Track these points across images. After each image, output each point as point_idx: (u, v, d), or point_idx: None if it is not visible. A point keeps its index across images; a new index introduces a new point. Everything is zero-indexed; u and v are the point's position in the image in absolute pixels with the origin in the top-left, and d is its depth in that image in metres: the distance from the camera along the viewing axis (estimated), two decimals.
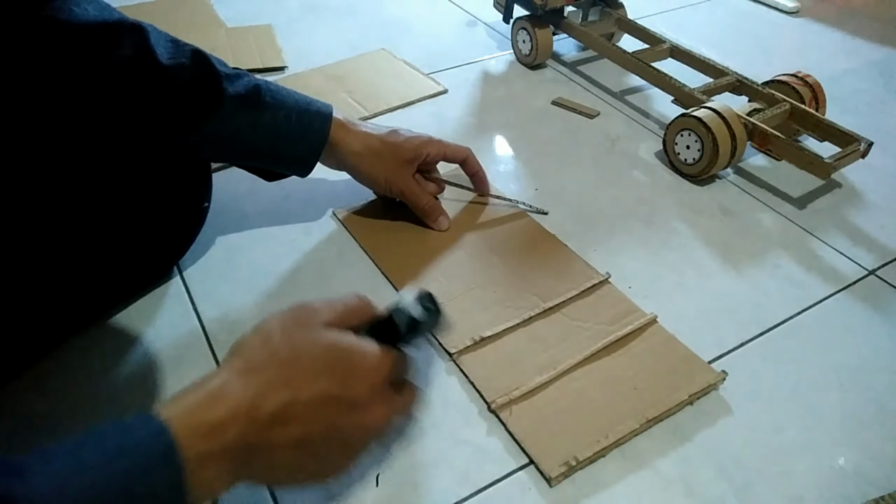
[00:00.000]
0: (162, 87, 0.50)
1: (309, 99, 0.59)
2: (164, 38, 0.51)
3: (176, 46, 0.52)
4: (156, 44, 0.50)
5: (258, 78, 0.56)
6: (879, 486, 0.46)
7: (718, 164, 0.71)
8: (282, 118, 0.56)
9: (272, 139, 0.57)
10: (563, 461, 0.46)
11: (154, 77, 0.49)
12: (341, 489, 0.45)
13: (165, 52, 0.50)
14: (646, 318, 0.56)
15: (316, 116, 0.59)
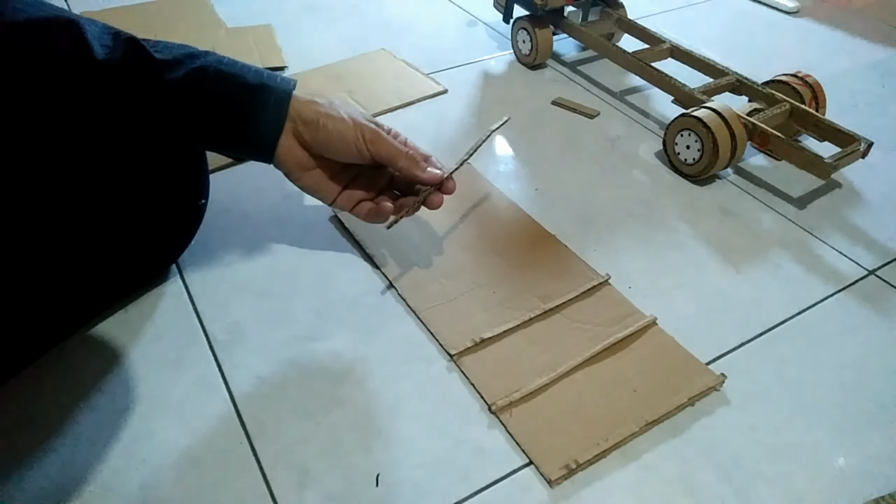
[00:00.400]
0: (98, 82, 0.47)
1: (264, 73, 0.52)
2: (101, 31, 0.49)
3: (114, 38, 0.49)
4: (91, 38, 0.47)
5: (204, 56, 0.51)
6: (880, 485, 0.46)
7: (718, 165, 0.71)
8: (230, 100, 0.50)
9: (221, 123, 0.51)
10: (564, 464, 0.46)
11: (89, 72, 0.47)
12: (341, 489, 0.45)
13: (101, 47, 0.48)
14: (645, 321, 0.56)
15: (272, 93, 0.51)
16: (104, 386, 0.51)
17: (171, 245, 0.60)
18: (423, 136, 0.80)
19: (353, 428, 0.49)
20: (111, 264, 0.54)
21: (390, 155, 0.53)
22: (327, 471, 0.46)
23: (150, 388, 0.51)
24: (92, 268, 0.53)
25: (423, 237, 0.65)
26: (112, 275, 0.55)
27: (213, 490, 0.44)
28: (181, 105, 0.50)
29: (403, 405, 0.50)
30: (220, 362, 0.53)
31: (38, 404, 0.50)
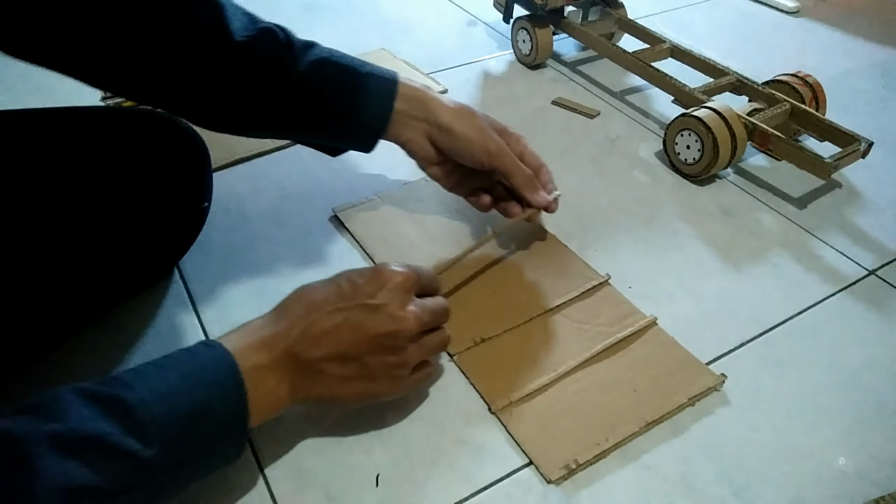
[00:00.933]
0: (232, 62, 0.49)
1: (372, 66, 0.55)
2: (240, 13, 0.51)
3: (252, 22, 0.51)
4: (231, 19, 0.49)
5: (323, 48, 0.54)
6: (880, 485, 0.46)
7: (719, 164, 0.71)
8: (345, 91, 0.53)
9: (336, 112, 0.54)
10: (563, 464, 0.46)
11: (225, 50, 0.49)
12: (341, 489, 0.45)
13: (240, 28, 0.50)
14: (645, 321, 0.56)
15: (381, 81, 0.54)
16: None
17: (174, 247, 0.60)
18: None
19: (353, 428, 0.48)
20: (118, 266, 0.55)
21: (508, 171, 0.57)
22: (327, 471, 0.46)
23: None
24: (99, 269, 0.53)
25: (422, 236, 0.65)
26: (118, 276, 0.55)
27: (213, 490, 0.44)
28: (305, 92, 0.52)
29: (403, 405, 0.50)
30: None
31: None
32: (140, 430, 0.33)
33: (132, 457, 0.33)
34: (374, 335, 0.42)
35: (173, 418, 0.35)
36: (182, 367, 0.37)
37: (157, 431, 0.34)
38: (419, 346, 0.45)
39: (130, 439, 0.33)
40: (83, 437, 0.32)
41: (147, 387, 0.35)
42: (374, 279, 0.44)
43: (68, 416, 0.32)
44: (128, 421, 0.33)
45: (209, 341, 0.40)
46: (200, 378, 0.37)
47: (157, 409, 0.34)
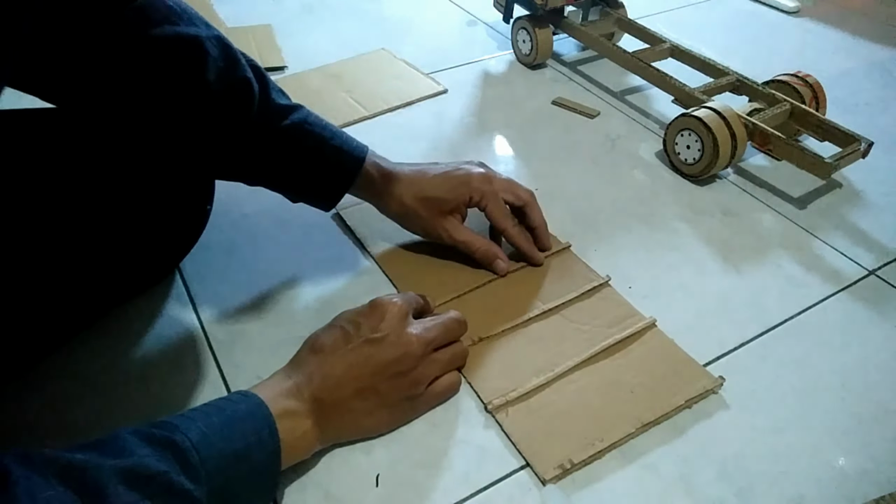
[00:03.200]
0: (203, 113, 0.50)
1: (345, 136, 0.57)
2: (221, 60, 0.50)
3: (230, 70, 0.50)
4: (210, 68, 0.49)
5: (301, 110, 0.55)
6: (880, 485, 0.46)
7: (719, 164, 0.71)
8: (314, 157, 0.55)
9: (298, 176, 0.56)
10: (558, 463, 0.46)
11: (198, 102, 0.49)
12: (341, 489, 0.45)
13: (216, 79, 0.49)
14: (645, 322, 0.56)
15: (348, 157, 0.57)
16: (105, 386, 0.51)
17: (177, 249, 0.60)
18: (423, 137, 0.80)
19: None
20: (120, 267, 0.55)
21: (467, 247, 0.60)
22: (327, 471, 0.46)
23: (150, 388, 0.51)
24: (101, 270, 0.53)
25: None
26: (120, 277, 0.56)
27: None
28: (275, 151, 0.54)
29: None
30: (220, 362, 0.53)
31: (37, 406, 0.50)
32: (193, 472, 0.36)
33: (188, 496, 0.35)
34: (384, 364, 0.45)
35: (218, 463, 0.37)
36: (223, 416, 0.40)
37: (205, 474, 0.36)
38: (431, 362, 0.48)
39: (185, 479, 0.35)
40: (147, 474, 0.34)
41: (195, 432, 0.37)
42: (372, 315, 0.47)
43: (132, 454, 0.35)
44: (182, 462, 0.36)
45: (244, 392, 0.43)
46: (241, 427, 0.39)
47: (205, 453, 0.37)
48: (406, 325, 0.47)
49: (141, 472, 0.34)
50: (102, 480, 0.32)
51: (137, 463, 0.34)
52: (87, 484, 0.32)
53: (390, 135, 0.80)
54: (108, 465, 0.33)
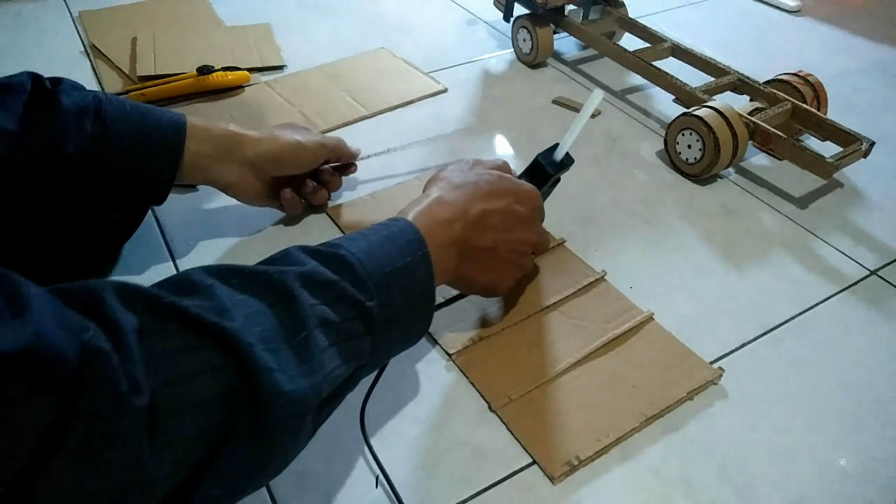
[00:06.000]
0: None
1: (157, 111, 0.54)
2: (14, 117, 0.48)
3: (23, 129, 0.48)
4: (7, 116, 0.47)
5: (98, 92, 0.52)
6: (881, 486, 0.46)
7: (720, 164, 0.71)
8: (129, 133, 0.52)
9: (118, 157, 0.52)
10: (566, 460, 0.46)
11: None
12: (341, 490, 0.44)
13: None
14: (643, 316, 0.56)
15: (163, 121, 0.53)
16: None
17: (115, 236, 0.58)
18: (424, 136, 0.80)
19: (352, 428, 0.48)
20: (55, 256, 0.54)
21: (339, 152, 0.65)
22: (327, 471, 0.46)
23: None
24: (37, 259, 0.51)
25: None
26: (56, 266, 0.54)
27: None
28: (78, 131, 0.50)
29: (403, 405, 0.50)
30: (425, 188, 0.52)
31: None
32: (361, 284, 0.37)
33: (359, 305, 0.37)
34: (525, 241, 0.51)
35: (382, 277, 0.39)
36: (382, 236, 0.41)
37: (373, 286, 0.38)
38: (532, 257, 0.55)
39: (355, 290, 0.37)
40: (322, 280, 0.36)
41: (358, 248, 0.39)
42: (528, 196, 0.51)
43: (305, 263, 0.36)
44: (351, 274, 0.37)
45: (397, 217, 0.45)
46: (397, 245, 0.41)
47: (370, 266, 0.38)
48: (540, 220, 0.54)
49: (317, 278, 0.35)
50: (288, 283, 0.34)
51: (313, 270, 0.36)
52: (275, 288, 0.34)
53: (390, 134, 0.80)
54: (289, 271, 0.35)
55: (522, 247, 0.52)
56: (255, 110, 0.82)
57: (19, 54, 0.93)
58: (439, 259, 0.44)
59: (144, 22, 1.00)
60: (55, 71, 0.52)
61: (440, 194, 0.48)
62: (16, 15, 1.03)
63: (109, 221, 0.57)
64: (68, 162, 0.49)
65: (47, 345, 0.24)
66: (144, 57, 0.89)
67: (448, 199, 0.47)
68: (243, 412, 0.30)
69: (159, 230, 0.65)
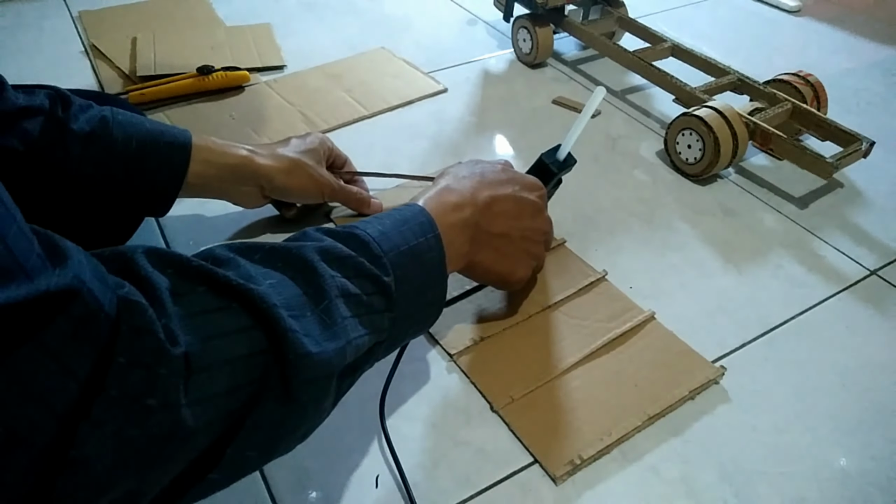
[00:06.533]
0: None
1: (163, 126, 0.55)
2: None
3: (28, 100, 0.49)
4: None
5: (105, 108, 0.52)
6: (881, 486, 0.46)
7: (720, 164, 0.71)
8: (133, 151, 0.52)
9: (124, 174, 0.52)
10: (568, 460, 0.46)
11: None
12: (341, 490, 0.44)
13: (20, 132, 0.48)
14: (644, 315, 0.56)
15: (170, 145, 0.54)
16: None
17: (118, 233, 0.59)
18: (423, 136, 0.80)
19: (353, 428, 0.48)
20: None
21: (344, 203, 0.65)
22: (327, 471, 0.46)
23: None
24: None
25: None
26: None
27: None
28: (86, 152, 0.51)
29: (403, 405, 0.50)
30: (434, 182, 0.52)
31: None
32: (377, 260, 0.38)
33: (377, 280, 0.37)
34: (537, 229, 0.52)
35: (397, 255, 0.40)
36: (394, 219, 0.42)
37: (388, 263, 0.39)
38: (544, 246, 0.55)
39: (372, 266, 0.38)
40: (340, 255, 0.36)
41: (372, 229, 0.40)
42: (533, 186, 0.52)
43: (321, 240, 0.37)
44: (367, 251, 0.38)
45: (409, 203, 0.45)
46: (409, 227, 0.42)
47: (385, 245, 0.39)
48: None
49: (336, 253, 0.36)
50: (308, 256, 0.35)
51: (331, 245, 0.37)
52: (295, 262, 0.34)
53: (390, 134, 0.80)
54: (308, 245, 0.36)
55: (535, 234, 0.52)
56: (255, 110, 0.82)
57: (19, 54, 0.93)
58: (451, 242, 0.44)
59: (144, 22, 1.00)
60: (55, 71, 0.53)
61: (447, 183, 0.48)
62: (16, 15, 1.03)
63: (108, 222, 0.58)
64: (72, 183, 0.51)
65: (87, 290, 0.24)
66: (144, 57, 0.89)
67: (456, 187, 0.48)
68: (272, 372, 0.30)
69: (159, 230, 0.65)
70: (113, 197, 0.53)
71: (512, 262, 0.51)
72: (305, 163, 0.60)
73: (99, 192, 0.52)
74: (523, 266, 0.53)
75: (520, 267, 0.52)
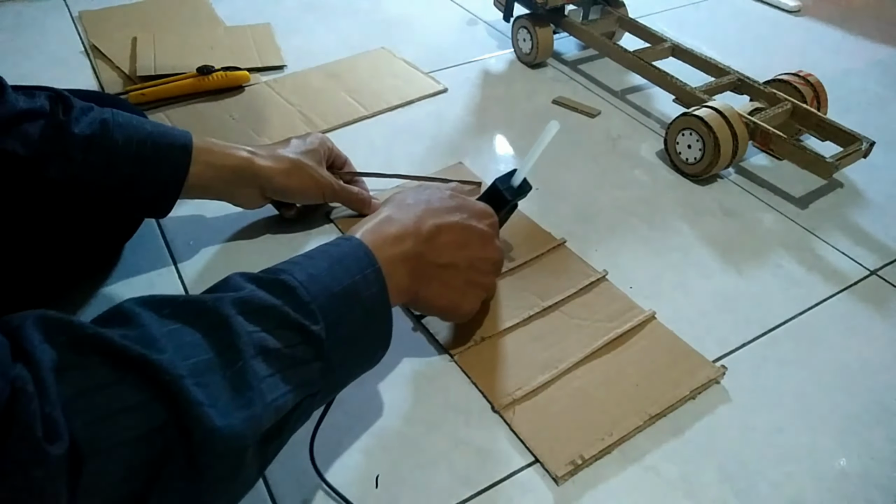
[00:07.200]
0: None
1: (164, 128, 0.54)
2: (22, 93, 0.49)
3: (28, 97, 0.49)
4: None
5: (105, 110, 0.52)
6: (881, 486, 0.46)
7: (720, 164, 0.71)
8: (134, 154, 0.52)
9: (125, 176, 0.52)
10: (569, 460, 0.46)
11: None
12: (341, 490, 0.44)
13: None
14: (644, 315, 0.56)
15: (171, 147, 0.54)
16: None
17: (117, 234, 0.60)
18: (423, 136, 0.80)
19: (353, 428, 0.48)
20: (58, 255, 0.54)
21: (345, 203, 0.65)
22: (327, 471, 0.46)
23: None
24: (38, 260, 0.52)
25: None
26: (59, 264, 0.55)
27: None
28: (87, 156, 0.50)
29: (403, 405, 0.50)
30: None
31: None
32: (304, 307, 0.36)
33: (303, 329, 0.35)
34: (486, 258, 0.49)
35: (328, 299, 0.37)
36: (328, 256, 0.40)
37: (317, 309, 0.36)
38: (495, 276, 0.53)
39: (298, 314, 0.35)
40: (261, 306, 0.34)
41: (300, 271, 0.37)
42: (483, 212, 0.51)
43: (243, 288, 0.35)
44: (293, 299, 0.36)
45: (346, 235, 0.43)
46: (345, 265, 0.39)
47: (314, 289, 0.37)
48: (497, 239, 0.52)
49: (256, 304, 0.34)
50: (224, 311, 0.32)
51: (251, 294, 0.34)
52: (209, 317, 0.32)
53: (390, 134, 0.80)
54: (225, 297, 0.33)
55: (483, 265, 0.50)
56: (255, 110, 0.82)
57: (19, 54, 0.93)
58: (390, 276, 0.42)
59: (144, 22, 1.00)
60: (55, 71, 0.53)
61: (389, 213, 0.46)
62: (16, 15, 1.03)
63: (109, 222, 0.58)
64: (73, 186, 0.50)
65: None
66: (144, 57, 0.89)
67: (397, 217, 0.46)
68: (175, 449, 0.28)
69: (159, 230, 0.65)
70: (113, 199, 0.53)
71: (458, 294, 0.49)
72: (306, 163, 0.60)
73: (99, 195, 0.52)
74: (470, 298, 0.50)
75: (466, 300, 0.50)
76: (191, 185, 0.55)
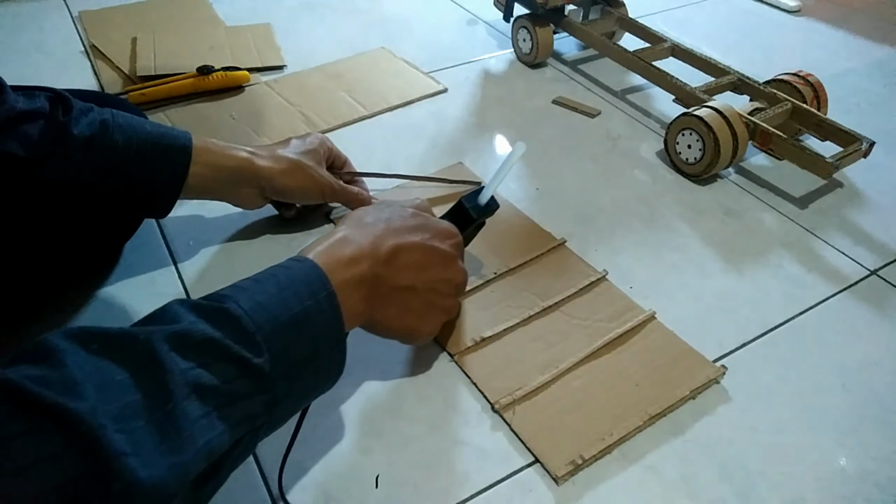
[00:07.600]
0: None
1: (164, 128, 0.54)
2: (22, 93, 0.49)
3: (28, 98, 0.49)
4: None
5: (105, 111, 0.52)
6: (881, 486, 0.46)
7: (720, 164, 0.71)
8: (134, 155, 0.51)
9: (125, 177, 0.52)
10: (569, 460, 0.46)
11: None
12: (341, 490, 0.44)
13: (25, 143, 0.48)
14: (644, 315, 0.56)
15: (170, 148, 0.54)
16: None
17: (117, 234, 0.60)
18: (423, 136, 0.80)
19: (353, 428, 0.48)
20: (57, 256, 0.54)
21: (344, 203, 0.65)
22: (327, 471, 0.46)
23: None
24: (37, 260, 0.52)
25: None
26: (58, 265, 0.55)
27: None
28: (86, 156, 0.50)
29: (403, 405, 0.50)
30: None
31: None
32: (248, 339, 0.34)
33: (244, 363, 0.33)
34: (447, 280, 0.48)
35: (275, 327, 0.35)
36: (277, 281, 0.38)
37: (262, 339, 0.34)
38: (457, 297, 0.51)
39: (239, 346, 0.33)
40: (198, 340, 0.32)
41: (247, 299, 0.35)
42: (446, 231, 0.49)
43: (181, 320, 0.33)
44: (236, 329, 0.34)
45: (298, 256, 0.41)
46: (295, 289, 0.37)
47: (259, 318, 0.35)
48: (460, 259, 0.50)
49: (191, 338, 0.32)
50: (156, 347, 0.30)
51: (187, 328, 0.32)
52: (139, 355, 0.30)
53: (390, 134, 0.80)
54: (159, 332, 0.31)
55: (444, 286, 0.48)
56: (255, 110, 0.82)
57: (19, 54, 0.93)
58: (344, 300, 0.40)
59: (144, 22, 1.00)
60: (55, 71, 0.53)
61: (345, 233, 0.44)
62: (16, 15, 1.03)
63: (109, 222, 0.58)
64: (73, 187, 0.50)
65: None
66: (144, 57, 0.89)
67: (353, 237, 0.43)
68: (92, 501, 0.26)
69: (159, 230, 0.65)
70: (113, 200, 0.53)
71: (417, 317, 0.47)
72: (305, 164, 0.60)
73: (99, 196, 0.52)
74: (430, 322, 0.48)
75: (426, 323, 0.48)
76: (190, 185, 0.55)
